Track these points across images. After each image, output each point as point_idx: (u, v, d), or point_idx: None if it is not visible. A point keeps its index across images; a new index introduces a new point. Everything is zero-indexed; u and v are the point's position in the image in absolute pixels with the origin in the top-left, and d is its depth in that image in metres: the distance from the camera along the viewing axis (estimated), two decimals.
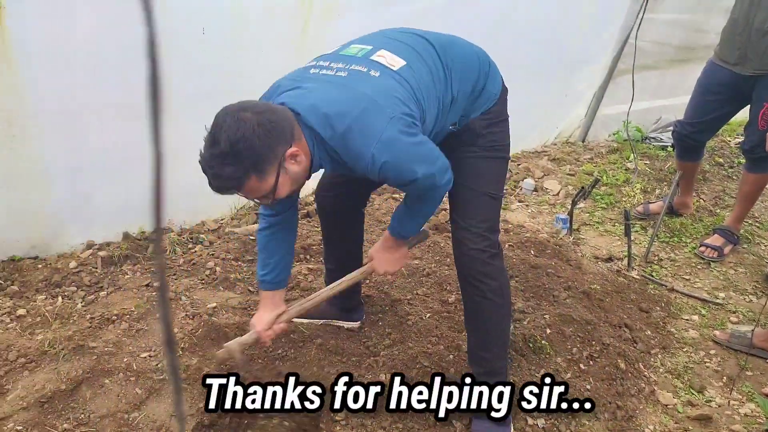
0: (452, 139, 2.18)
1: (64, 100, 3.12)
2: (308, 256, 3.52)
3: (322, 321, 2.83)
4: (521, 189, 4.77)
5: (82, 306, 2.98)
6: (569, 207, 4.21)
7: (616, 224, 4.27)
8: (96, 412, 2.30)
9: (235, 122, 1.70)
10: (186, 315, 2.86)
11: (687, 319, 3.21)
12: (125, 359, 2.55)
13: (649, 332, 3.02)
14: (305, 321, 2.83)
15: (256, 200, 1.93)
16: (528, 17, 4.72)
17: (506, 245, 3.62)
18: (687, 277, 3.64)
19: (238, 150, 1.69)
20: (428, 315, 2.88)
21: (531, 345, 2.67)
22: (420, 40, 2.07)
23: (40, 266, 3.32)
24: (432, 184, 1.93)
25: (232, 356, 2.23)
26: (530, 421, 2.34)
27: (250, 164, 1.73)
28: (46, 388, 2.38)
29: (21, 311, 2.91)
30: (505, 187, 2.34)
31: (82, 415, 2.29)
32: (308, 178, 2.00)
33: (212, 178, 1.77)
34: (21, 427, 2.22)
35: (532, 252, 3.61)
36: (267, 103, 1.87)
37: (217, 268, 3.30)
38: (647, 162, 5.37)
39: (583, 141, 5.91)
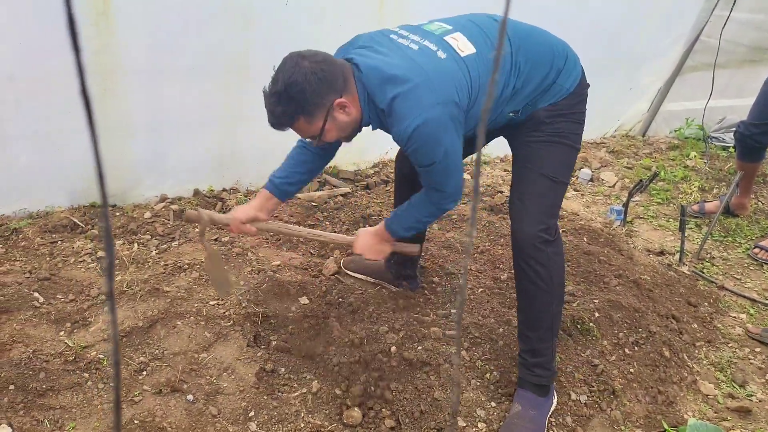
0: (516, 126, 2.25)
1: (151, 61, 3.31)
2: (368, 226, 3.65)
3: (374, 280, 3.03)
4: (578, 178, 4.81)
5: (156, 253, 3.19)
6: (624, 199, 4.24)
7: (671, 220, 4.28)
8: (169, 350, 2.50)
9: (292, 67, 1.92)
10: (252, 270, 3.03)
11: (734, 317, 3.24)
12: (195, 305, 2.74)
13: (696, 325, 3.07)
14: (361, 276, 3.05)
15: (307, 139, 2.19)
16: (598, 10, 4.72)
17: (560, 230, 3.69)
18: (738, 277, 3.65)
19: (290, 92, 1.92)
20: (480, 290, 2.99)
21: (579, 326, 2.75)
22: (496, 24, 2.14)
23: (117, 214, 3.55)
24: (441, 188, 2.09)
25: (198, 221, 2.46)
26: (573, 396, 2.43)
27: (300, 107, 1.95)
28: (124, 324, 2.58)
29: (101, 253, 3.14)
30: (570, 178, 2.34)
31: (157, 351, 2.49)
32: (358, 130, 2.20)
33: (268, 114, 2.01)
34: (102, 356, 2.43)
35: (585, 239, 3.67)
36: (327, 54, 2.03)
37: None
38: (706, 160, 5.32)
39: (643, 135, 5.88)
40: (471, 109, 2.03)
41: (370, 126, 2.17)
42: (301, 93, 1.92)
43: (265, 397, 2.29)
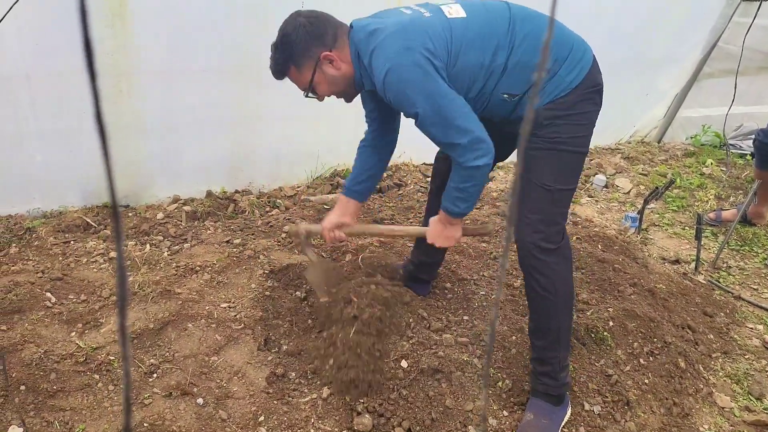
0: (513, 126, 2.21)
1: (166, 62, 3.31)
2: None
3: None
4: (592, 184, 4.76)
5: (168, 255, 3.19)
6: (639, 206, 4.19)
7: (686, 228, 4.23)
8: (179, 352, 2.49)
9: (288, 22, 2.13)
10: (263, 272, 3.02)
11: (751, 328, 3.18)
12: (207, 307, 2.73)
13: (712, 336, 3.02)
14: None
15: (308, 95, 2.23)
16: (616, 16, 4.68)
17: (574, 237, 3.65)
18: (755, 287, 3.60)
19: (282, 42, 2.12)
20: (493, 296, 2.96)
21: (593, 335, 2.72)
22: (503, 5, 2.13)
23: (130, 214, 3.56)
24: (451, 142, 1.99)
25: (297, 234, 2.59)
26: (586, 406, 2.40)
27: (289, 56, 2.13)
28: (135, 326, 2.57)
29: (113, 254, 3.14)
30: (576, 181, 2.25)
31: (167, 353, 2.48)
32: (355, 90, 2.27)
33: (270, 62, 2.18)
34: (113, 358, 2.43)
35: (599, 246, 3.63)
36: (323, 13, 2.17)
37: None
38: (723, 168, 5.26)
39: (659, 142, 5.82)
40: (453, 67, 2.02)
41: (364, 86, 2.21)
42: (288, 43, 2.11)
43: (275, 402, 2.27)
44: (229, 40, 3.40)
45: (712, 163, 5.30)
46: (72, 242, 3.21)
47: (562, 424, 2.28)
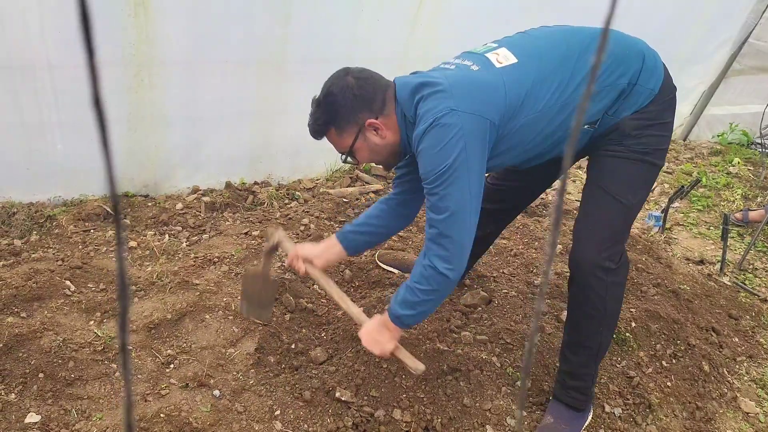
0: (597, 139, 2.03)
1: (188, 53, 3.30)
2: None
3: (403, 273, 3.01)
4: None
5: (187, 245, 3.19)
6: (664, 205, 4.12)
7: (711, 228, 4.16)
8: (197, 343, 2.49)
9: (335, 79, 1.96)
10: (282, 265, 3.01)
11: None
12: (224, 299, 2.73)
13: (737, 339, 2.97)
14: (394, 270, 3.03)
15: (346, 160, 2.08)
16: (643, 13, 4.60)
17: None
18: None
19: (327, 102, 1.96)
20: (513, 294, 2.93)
21: (615, 336, 2.67)
22: (560, 36, 1.98)
23: (149, 204, 3.57)
24: (438, 239, 1.84)
25: (268, 239, 2.41)
26: (607, 408, 2.36)
27: (332, 118, 1.97)
28: (153, 316, 2.58)
29: (132, 243, 3.15)
30: (644, 199, 2.12)
31: (185, 344, 2.48)
32: (399, 157, 2.11)
33: (309, 119, 2.03)
34: (131, 347, 2.44)
35: (627, 257, 3.57)
36: (374, 73, 2.00)
37: (312, 225, 3.44)
38: (750, 168, 5.16)
39: (684, 140, 5.73)
40: (510, 121, 1.87)
41: (411, 147, 2.01)
42: (333, 105, 1.94)
43: (291, 396, 2.26)
44: (252, 32, 3.38)
45: (739, 162, 5.20)
46: (92, 231, 3.23)
47: (582, 429, 2.24)
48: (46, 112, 3.15)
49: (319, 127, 2.02)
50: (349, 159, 2.08)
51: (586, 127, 1.97)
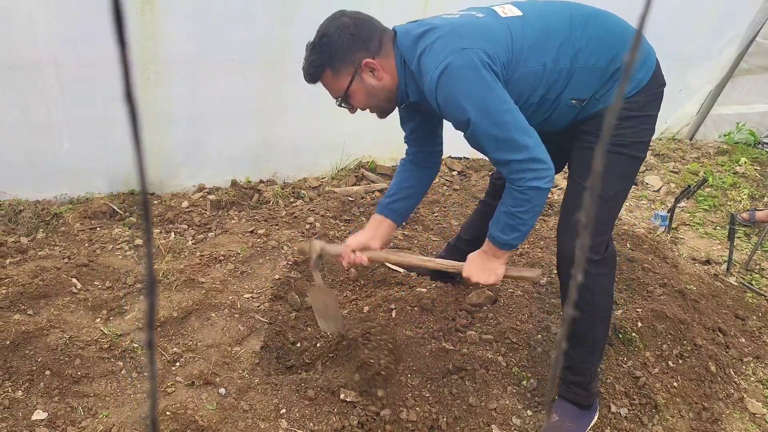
0: (578, 126, 2.05)
1: (194, 51, 3.31)
2: (404, 224, 3.61)
3: (410, 271, 3.00)
4: None
5: (193, 243, 3.20)
6: (670, 204, 4.12)
7: (718, 228, 4.14)
8: (202, 341, 2.49)
9: (331, 20, 1.94)
10: (287, 263, 3.01)
11: None
12: (230, 297, 2.74)
13: (744, 340, 2.96)
14: (400, 269, 3.02)
15: (341, 104, 2.07)
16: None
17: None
18: None
19: (321, 43, 1.93)
20: (519, 294, 2.92)
21: (621, 336, 2.67)
22: (564, 7, 1.99)
23: (155, 202, 3.57)
24: (505, 158, 1.82)
25: (310, 253, 2.35)
26: (613, 408, 2.36)
27: (327, 58, 1.94)
28: (159, 314, 2.58)
29: (138, 241, 3.15)
30: (629, 189, 2.14)
31: (190, 342, 2.49)
32: (394, 105, 2.11)
33: (303, 63, 2.00)
34: (136, 345, 2.44)
35: (628, 245, 3.57)
36: (369, 16, 2.00)
37: (317, 224, 3.44)
38: (758, 168, 5.14)
39: (690, 139, 5.71)
40: (513, 72, 1.87)
41: (409, 97, 2.04)
42: (329, 45, 1.92)
43: (297, 394, 2.27)
44: (257, 31, 3.39)
45: (745, 162, 5.18)
46: (98, 229, 3.23)
47: (588, 428, 2.24)
48: (52, 111, 3.16)
49: (314, 70, 1.98)
50: (344, 104, 2.07)
51: (573, 102, 1.97)
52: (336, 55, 1.93)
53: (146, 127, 3.43)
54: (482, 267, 2.06)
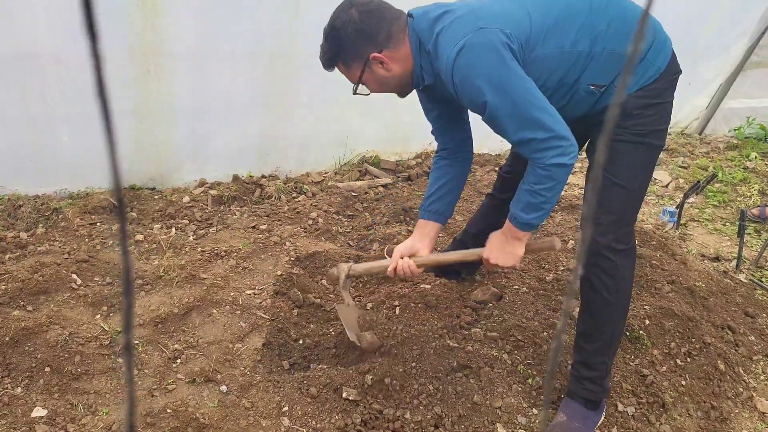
0: (597, 116, 2.06)
1: (197, 44, 3.31)
2: (408, 218, 3.61)
3: None
4: None
5: (194, 239, 3.20)
6: (678, 200, 4.10)
7: (727, 224, 4.13)
8: (204, 338, 2.49)
9: (339, 12, 1.98)
10: (289, 259, 3.01)
11: None
12: (232, 293, 2.74)
13: (753, 338, 2.94)
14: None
15: (358, 92, 2.11)
16: (658, 2, 4.57)
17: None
18: None
19: (331, 36, 1.99)
20: (524, 291, 2.91)
21: (628, 333, 2.66)
22: None
23: (156, 197, 3.58)
24: (526, 137, 1.82)
25: (338, 274, 2.35)
26: (620, 407, 2.35)
27: (336, 52, 2.00)
28: (160, 310, 2.59)
29: (139, 236, 3.16)
30: (648, 181, 2.13)
31: (191, 339, 2.49)
32: (410, 87, 2.13)
33: (320, 50, 2.05)
34: (137, 342, 2.45)
35: (635, 241, 3.55)
36: (385, 5, 2.01)
37: (320, 220, 3.44)
38: None
39: (700, 134, 5.69)
40: (531, 53, 1.87)
41: (424, 80, 2.05)
42: (337, 39, 1.97)
43: (299, 392, 2.26)
44: (260, 24, 3.38)
45: (756, 157, 5.16)
46: (98, 224, 3.24)
47: (595, 428, 2.23)
48: (52, 105, 3.16)
49: (327, 61, 2.05)
50: (359, 90, 2.11)
51: (591, 87, 1.96)
52: (344, 49, 1.99)
53: (148, 122, 3.43)
54: (502, 249, 2.09)
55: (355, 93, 2.12)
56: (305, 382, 2.29)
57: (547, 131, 1.79)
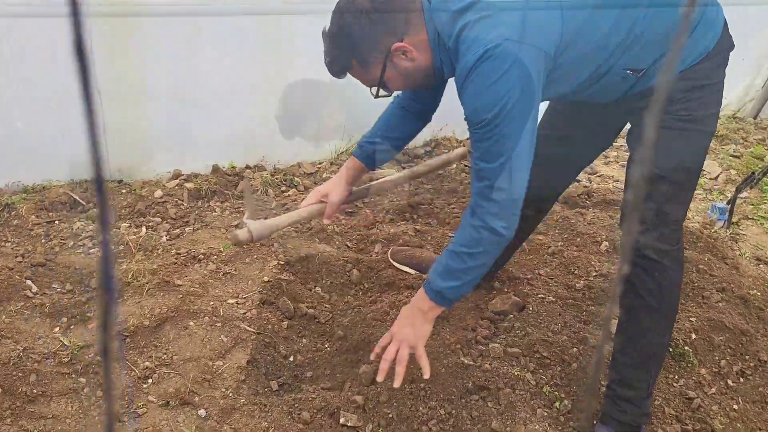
0: (633, 102, 2.07)
1: (177, 19, 3.31)
2: (415, 216, 3.61)
3: (420, 273, 3.01)
4: None
5: (167, 240, 3.21)
6: (729, 195, 4.09)
7: None
8: (179, 354, 2.50)
9: (346, 4, 1.92)
10: (278, 263, 3.02)
11: None
12: (211, 303, 2.74)
13: None
14: (410, 270, 3.03)
15: (378, 95, 2.08)
16: None
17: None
18: None
19: (342, 34, 1.93)
20: (551, 300, 2.92)
21: (671, 350, 2.66)
22: None
23: (124, 191, 3.59)
24: (490, 194, 1.85)
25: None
26: (668, 428, 2.36)
27: (351, 51, 1.95)
28: (129, 322, 2.59)
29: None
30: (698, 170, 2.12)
31: (165, 356, 2.49)
32: (434, 77, 2.09)
33: (324, 57, 2.00)
34: (101, 359, 2.45)
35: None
36: None
37: None
38: None
39: (755, 118, 5.68)
40: (561, 56, 1.88)
41: (444, 74, 2.05)
42: (350, 36, 1.91)
43: (289, 418, 2.27)
44: (252, 2, 3.40)
45: None
46: (56, 222, 3.25)
47: None
48: (3, 87, 3.17)
49: (339, 68, 2.00)
50: (381, 92, 2.07)
51: (628, 72, 1.96)
52: (360, 46, 1.93)
53: (118, 103, 3.43)
54: (408, 322, 2.11)
55: (377, 96, 2.08)
56: (296, 405, 2.30)
57: (507, 188, 1.84)
